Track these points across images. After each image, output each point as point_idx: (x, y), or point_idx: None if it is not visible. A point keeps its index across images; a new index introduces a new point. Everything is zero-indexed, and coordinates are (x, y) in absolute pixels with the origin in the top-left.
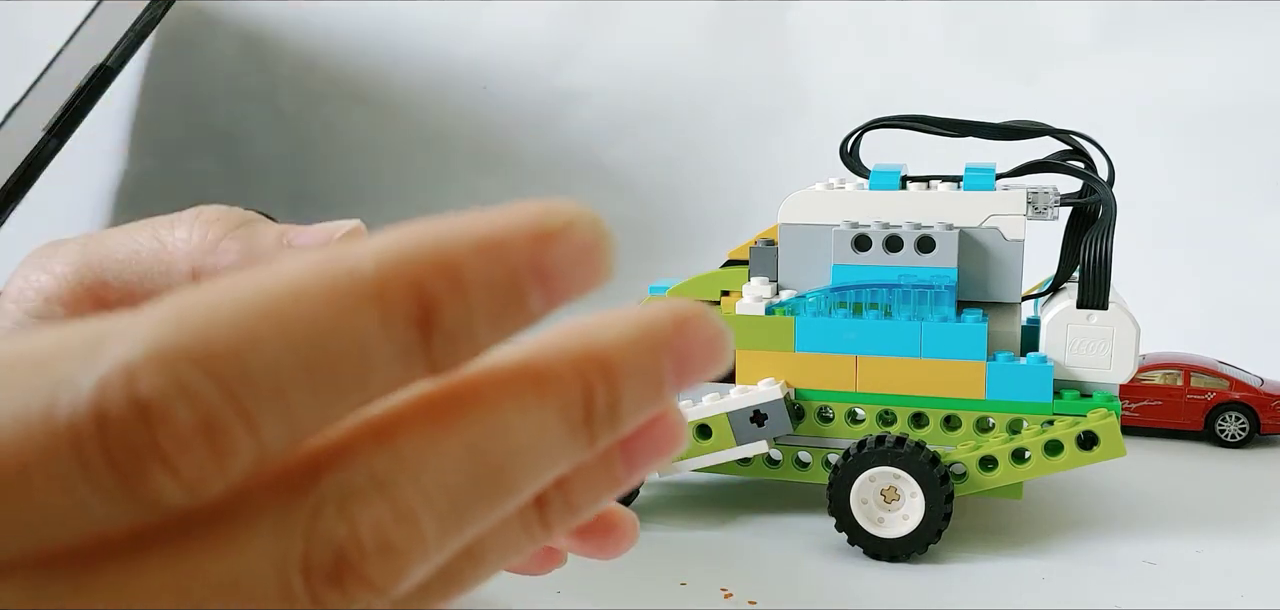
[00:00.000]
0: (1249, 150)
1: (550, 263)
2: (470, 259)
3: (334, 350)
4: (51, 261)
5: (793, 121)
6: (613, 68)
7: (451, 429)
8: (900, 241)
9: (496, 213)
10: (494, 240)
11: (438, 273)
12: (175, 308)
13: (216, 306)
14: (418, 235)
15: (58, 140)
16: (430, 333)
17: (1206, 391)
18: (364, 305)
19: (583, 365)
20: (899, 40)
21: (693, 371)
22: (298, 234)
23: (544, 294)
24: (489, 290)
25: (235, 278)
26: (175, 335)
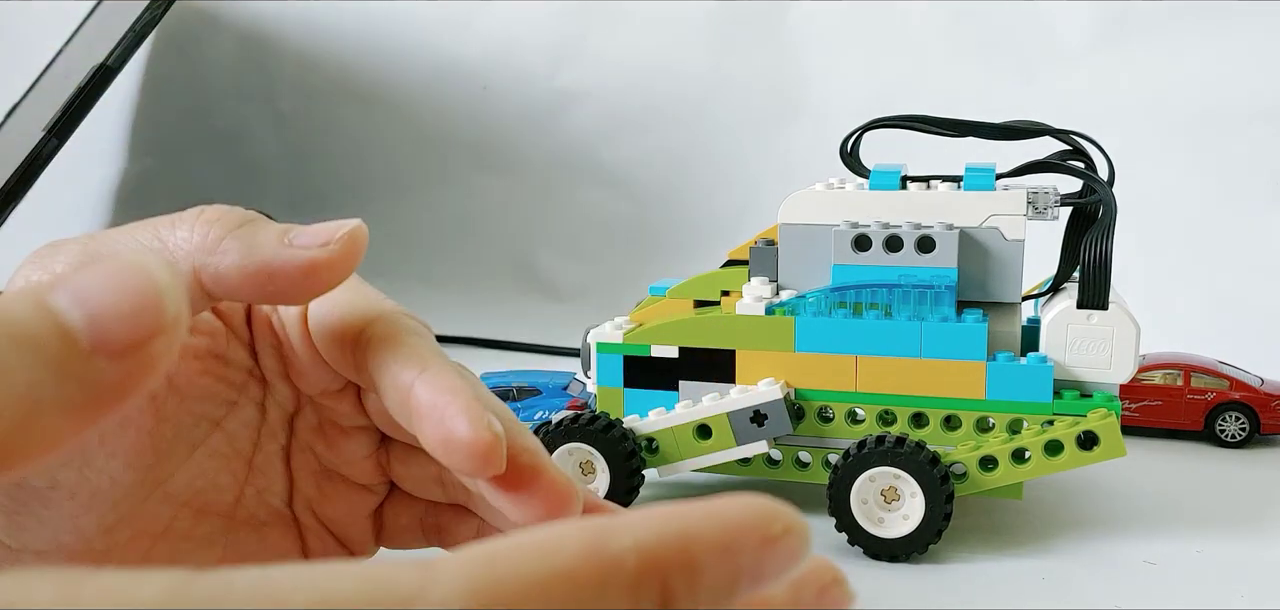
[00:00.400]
0: (1249, 150)
1: (765, 565)
2: (709, 559)
3: None
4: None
5: (793, 121)
6: (613, 68)
7: None
8: (900, 241)
9: (730, 510)
10: (729, 544)
11: (682, 571)
12: (474, 577)
13: (510, 577)
14: (670, 530)
15: (58, 140)
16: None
17: (1206, 391)
18: (622, 595)
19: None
20: (899, 40)
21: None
22: (299, 233)
23: (752, 586)
24: (716, 586)
25: (523, 546)
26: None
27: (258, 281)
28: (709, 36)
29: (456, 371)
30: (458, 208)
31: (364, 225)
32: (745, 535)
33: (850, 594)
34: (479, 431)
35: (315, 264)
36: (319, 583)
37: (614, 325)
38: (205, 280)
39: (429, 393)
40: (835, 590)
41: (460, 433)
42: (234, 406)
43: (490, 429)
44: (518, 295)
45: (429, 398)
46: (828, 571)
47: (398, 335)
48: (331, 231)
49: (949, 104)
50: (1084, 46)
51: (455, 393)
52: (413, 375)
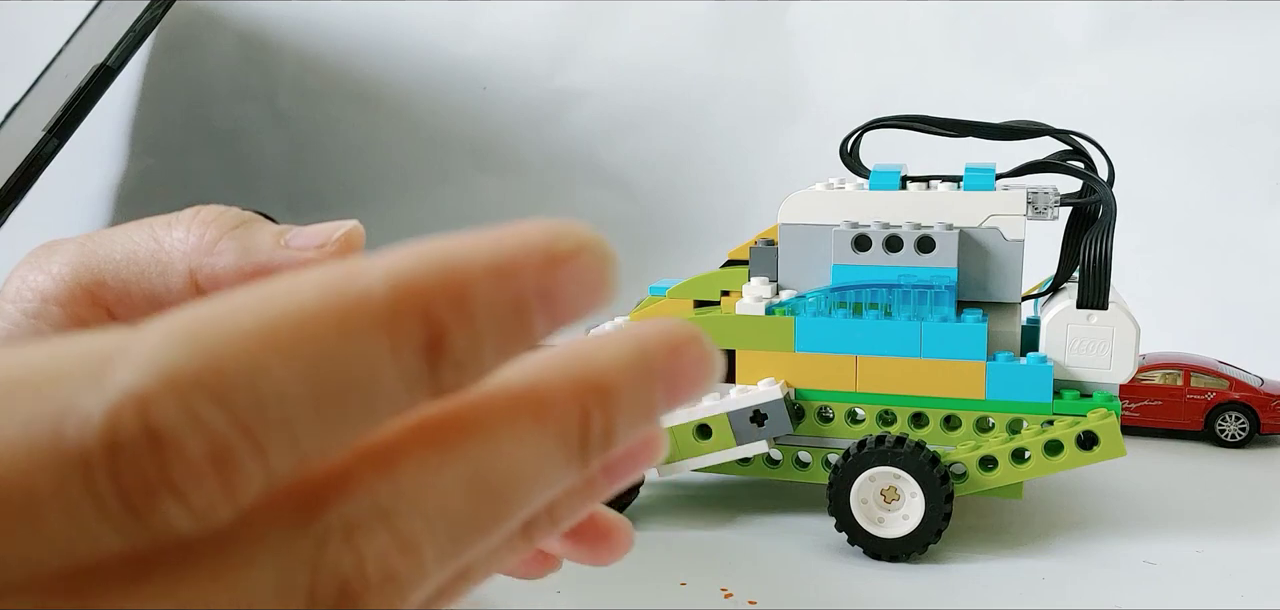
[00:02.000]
0: (1249, 150)
1: (558, 288)
2: (480, 284)
3: (343, 378)
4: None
5: (793, 121)
6: (613, 68)
7: (452, 457)
8: (900, 241)
9: (505, 232)
10: (503, 264)
11: (448, 299)
12: (184, 329)
13: (226, 328)
14: (427, 257)
15: (58, 140)
16: (438, 360)
17: (1206, 391)
18: (375, 332)
19: (580, 391)
20: (899, 40)
21: (682, 394)
22: (295, 234)
23: (548, 318)
24: (497, 316)
25: (245, 294)
26: (186, 360)
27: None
28: (709, 36)
29: None
30: (458, 208)
31: (360, 226)
32: (522, 253)
33: (711, 352)
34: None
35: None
36: (8, 356)
37: (614, 325)
38: (201, 281)
39: None
40: (691, 347)
41: None
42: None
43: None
44: None
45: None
46: (681, 328)
47: None
48: (328, 233)
49: (949, 104)
50: (1084, 46)
51: None
52: None
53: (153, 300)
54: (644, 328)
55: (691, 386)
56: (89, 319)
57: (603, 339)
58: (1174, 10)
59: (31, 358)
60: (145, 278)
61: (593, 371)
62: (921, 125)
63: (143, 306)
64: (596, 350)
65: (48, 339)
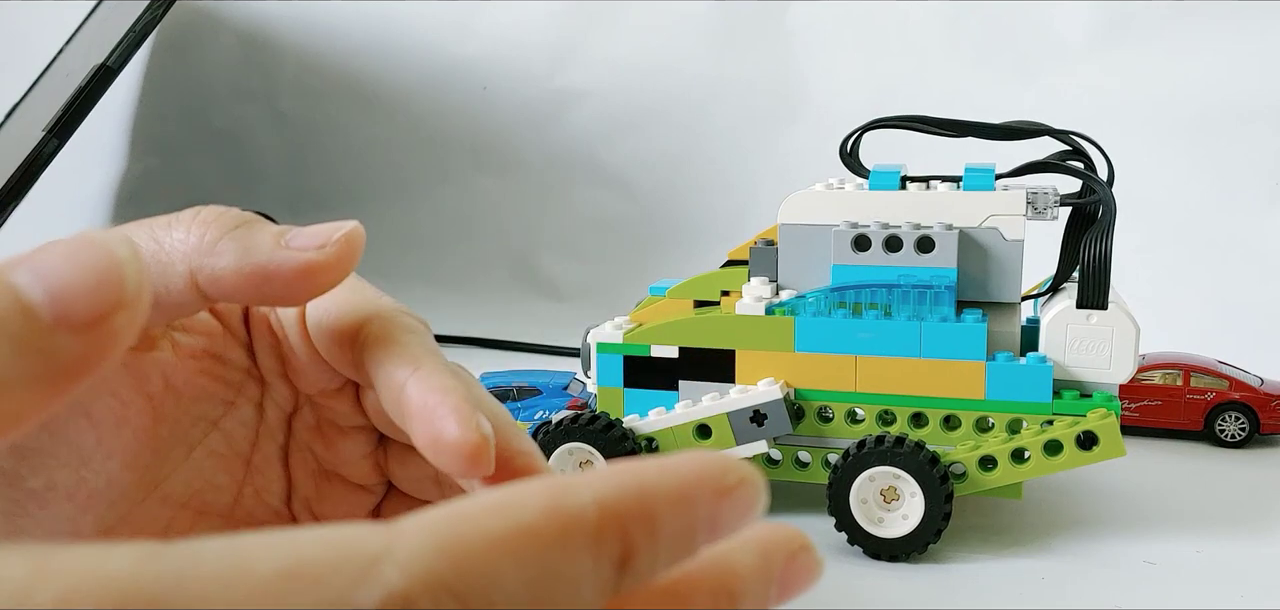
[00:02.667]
0: (1249, 150)
1: (722, 514)
2: (667, 511)
3: (556, 581)
4: None
5: (793, 121)
6: (613, 68)
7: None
8: (900, 241)
9: (686, 464)
10: (685, 494)
11: (641, 522)
12: (437, 535)
13: (470, 538)
14: (628, 483)
15: (58, 140)
16: (625, 571)
17: (1206, 391)
18: (584, 548)
19: (715, 593)
20: (899, 40)
21: (791, 595)
22: (295, 235)
23: (710, 538)
24: (675, 537)
25: (485, 501)
26: (439, 566)
27: (254, 283)
28: (709, 36)
29: (449, 371)
30: (458, 208)
31: (361, 226)
32: (700, 486)
33: (818, 561)
34: (467, 432)
35: (312, 266)
36: (284, 546)
37: (614, 325)
38: (201, 281)
39: (420, 392)
40: (804, 556)
41: (449, 433)
42: (232, 406)
43: (479, 429)
44: (518, 295)
45: (420, 397)
46: (796, 538)
47: (393, 334)
48: (328, 233)
49: (949, 104)
50: (1084, 46)
51: (446, 392)
52: (406, 374)
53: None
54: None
55: (800, 589)
56: None
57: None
58: (1174, 10)
59: (304, 545)
60: None
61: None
62: (921, 125)
63: None
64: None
65: (314, 527)
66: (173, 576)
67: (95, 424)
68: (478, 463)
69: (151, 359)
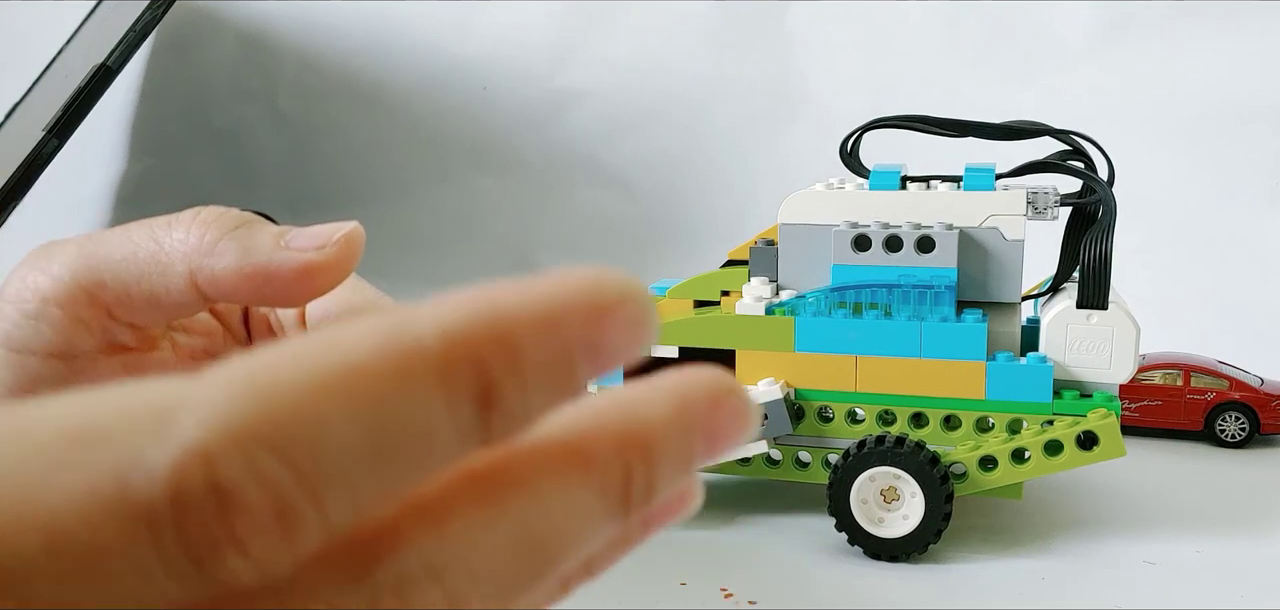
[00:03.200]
0: (1249, 150)
1: (602, 338)
2: (529, 335)
3: (401, 429)
4: (48, 262)
5: (793, 121)
6: (613, 68)
7: (499, 512)
8: (900, 241)
9: (550, 282)
10: (551, 315)
11: (498, 350)
12: (244, 380)
13: (286, 380)
14: (476, 308)
15: (58, 140)
16: (489, 410)
17: (1206, 391)
18: (429, 384)
19: (624, 446)
20: (899, 40)
21: (720, 446)
22: (295, 235)
23: (593, 367)
24: (545, 367)
25: (302, 344)
26: (248, 413)
27: (254, 283)
28: (709, 36)
29: None
30: (458, 208)
31: (361, 227)
32: (570, 305)
33: (748, 404)
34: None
35: (311, 266)
36: (73, 407)
37: None
38: (201, 282)
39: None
40: (730, 400)
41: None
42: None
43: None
44: None
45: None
46: (721, 380)
47: None
48: (329, 233)
49: (949, 104)
50: (1084, 46)
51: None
52: None
53: (152, 301)
54: (683, 379)
55: (729, 439)
56: (88, 320)
57: (644, 390)
58: (1174, 10)
59: (93, 406)
60: (145, 279)
61: (636, 425)
62: (921, 125)
63: (142, 307)
64: (639, 403)
65: (108, 386)
66: None
67: None
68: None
69: (151, 360)
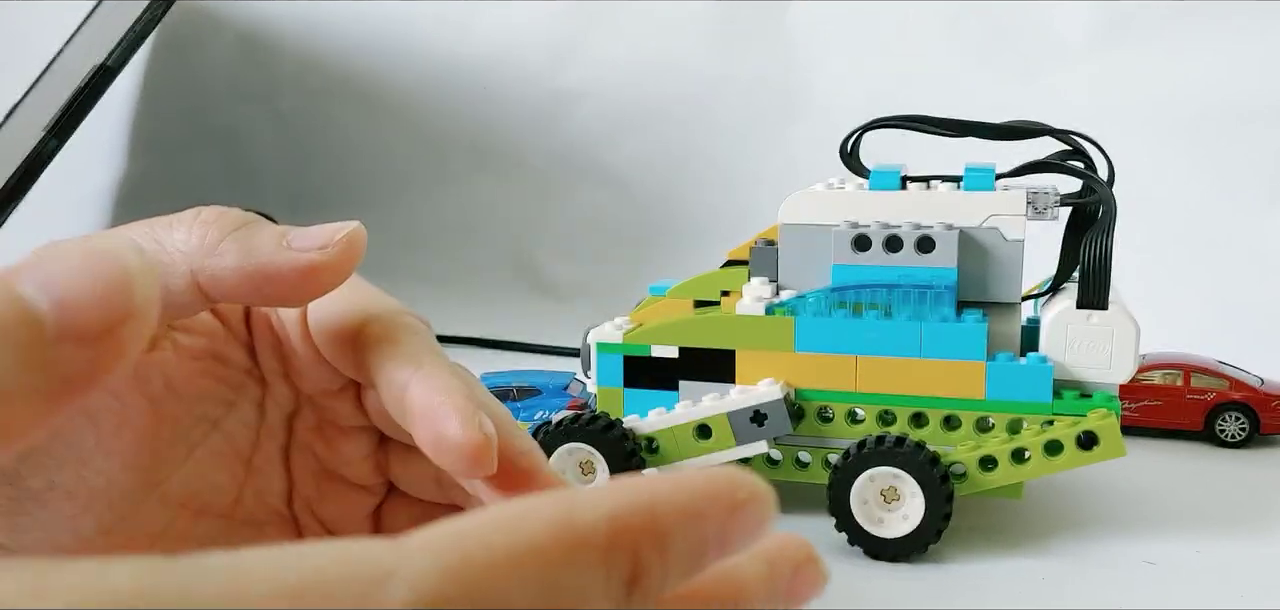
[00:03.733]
0: (1249, 150)
1: (731, 531)
2: (677, 528)
3: (565, 601)
4: None
5: (793, 121)
6: (613, 68)
7: None
8: (900, 241)
9: (698, 481)
10: (695, 510)
11: (652, 541)
12: (445, 555)
13: (479, 556)
14: (639, 500)
15: (58, 140)
16: (636, 586)
17: (1206, 391)
18: (594, 565)
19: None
20: (899, 40)
21: (798, 604)
22: (297, 235)
23: (720, 554)
24: (685, 554)
25: (493, 518)
26: (447, 587)
27: (255, 284)
28: (709, 36)
29: (451, 371)
30: (458, 208)
31: (362, 227)
32: (711, 503)
33: (823, 573)
34: (470, 432)
35: (313, 266)
36: (290, 562)
37: (614, 325)
38: (202, 282)
39: (423, 392)
40: (809, 568)
41: (451, 432)
42: (232, 406)
43: (481, 429)
44: (518, 295)
45: (422, 397)
46: (801, 549)
47: (394, 334)
48: (330, 234)
49: (949, 104)
50: (1084, 46)
51: (449, 392)
52: (408, 374)
53: None
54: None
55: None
56: None
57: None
58: (1174, 10)
59: (310, 561)
60: None
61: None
62: (921, 125)
63: None
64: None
65: (320, 542)
66: (175, 591)
67: (96, 425)
68: (480, 462)
69: (152, 360)
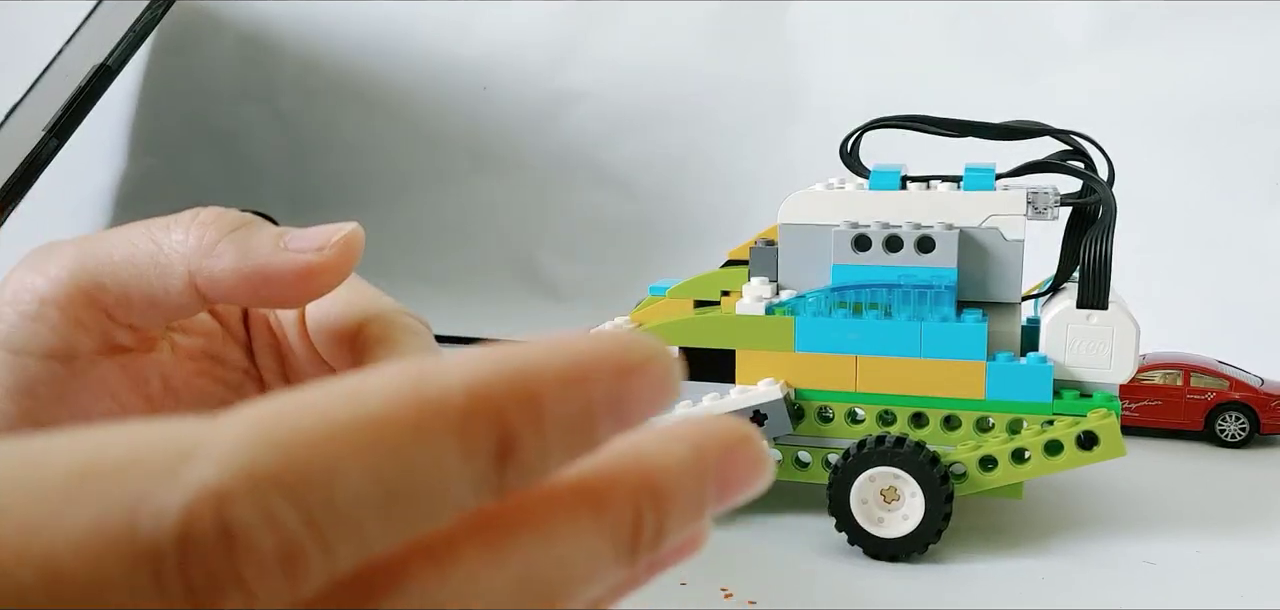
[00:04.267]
0: (1249, 150)
1: (627, 397)
2: (553, 393)
3: (415, 480)
4: (47, 264)
5: (793, 122)
6: (613, 68)
7: (506, 553)
8: (900, 241)
9: (578, 341)
10: (576, 373)
11: (521, 407)
12: (263, 425)
13: (305, 427)
14: (503, 363)
15: (58, 140)
16: (507, 464)
17: (1206, 391)
18: (448, 437)
19: (637, 492)
20: (899, 40)
21: (733, 495)
22: (294, 237)
23: (615, 426)
24: (567, 424)
25: (323, 390)
26: (265, 458)
27: (253, 285)
28: (709, 36)
29: None
30: (458, 208)
31: (360, 229)
32: (597, 365)
33: (762, 455)
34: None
35: (311, 268)
36: (87, 443)
37: (614, 325)
38: (200, 283)
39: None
40: (744, 450)
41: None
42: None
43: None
44: (518, 295)
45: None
46: (736, 428)
47: (391, 335)
48: (327, 235)
49: (949, 104)
50: (1084, 46)
51: None
52: None
53: (151, 302)
54: (700, 426)
55: (743, 487)
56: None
57: (660, 436)
58: (1174, 10)
59: (107, 442)
60: (144, 280)
61: (650, 471)
62: (921, 125)
63: (141, 309)
64: (653, 449)
65: (124, 423)
66: None
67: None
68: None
69: (150, 361)
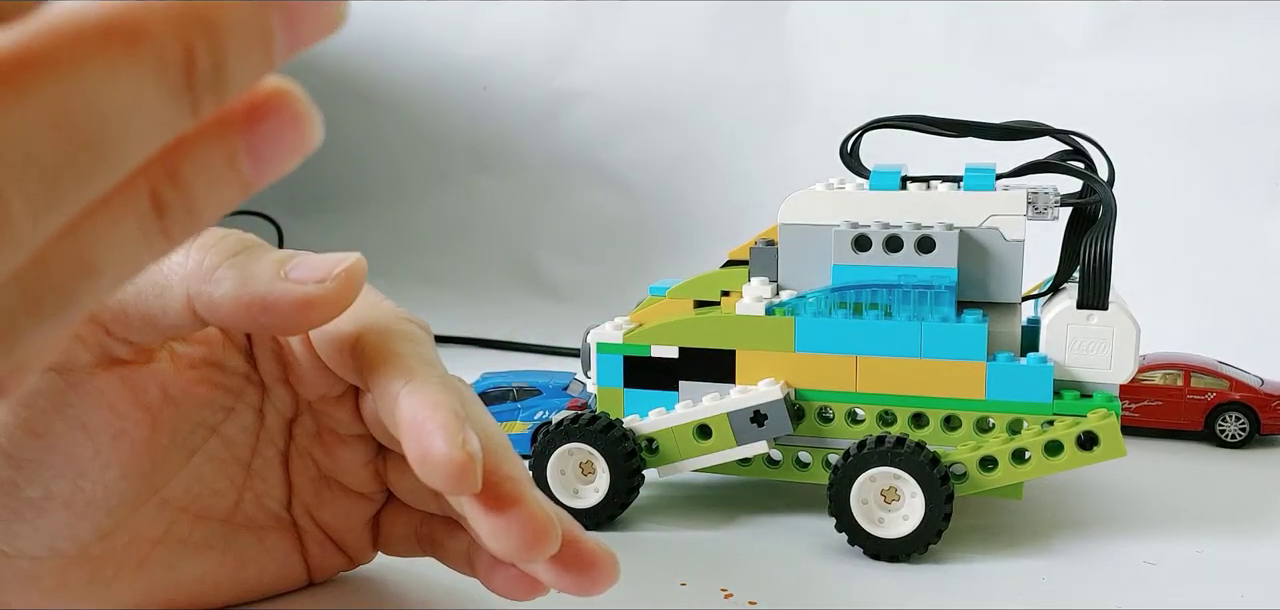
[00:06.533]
0: (1249, 150)
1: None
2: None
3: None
4: None
5: (793, 121)
6: (613, 68)
7: (30, 95)
8: (900, 241)
9: None
10: None
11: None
12: None
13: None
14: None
15: None
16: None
17: (1206, 391)
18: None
19: (182, 21)
20: (899, 40)
21: (304, 30)
22: (296, 266)
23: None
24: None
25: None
26: None
27: (251, 313)
28: (708, 36)
29: (443, 384)
30: (458, 208)
31: (363, 260)
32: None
33: None
34: (453, 450)
35: (310, 300)
36: None
37: (614, 325)
38: (198, 307)
39: (411, 406)
40: None
41: (435, 449)
42: (231, 412)
43: (464, 447)
44: (518, 295)
45: (410, 411)
46: None
47: (389, 343)
48: (330, 266)
49: (949, 104)
50: (1084, 46)
51: (436, 407)
52: (399, 386)
53: (149, 321)
54: None
55: (314, 23)
56: (85, 336)
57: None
58: (1174, 10)
59: None
60: (142, 299)
61: (197, 3)
62: (921, 125)
63: (139, 326)
64: None
65: None
66: None
67: (92, 437)
68: (463, 480)
69: (149, 371)
